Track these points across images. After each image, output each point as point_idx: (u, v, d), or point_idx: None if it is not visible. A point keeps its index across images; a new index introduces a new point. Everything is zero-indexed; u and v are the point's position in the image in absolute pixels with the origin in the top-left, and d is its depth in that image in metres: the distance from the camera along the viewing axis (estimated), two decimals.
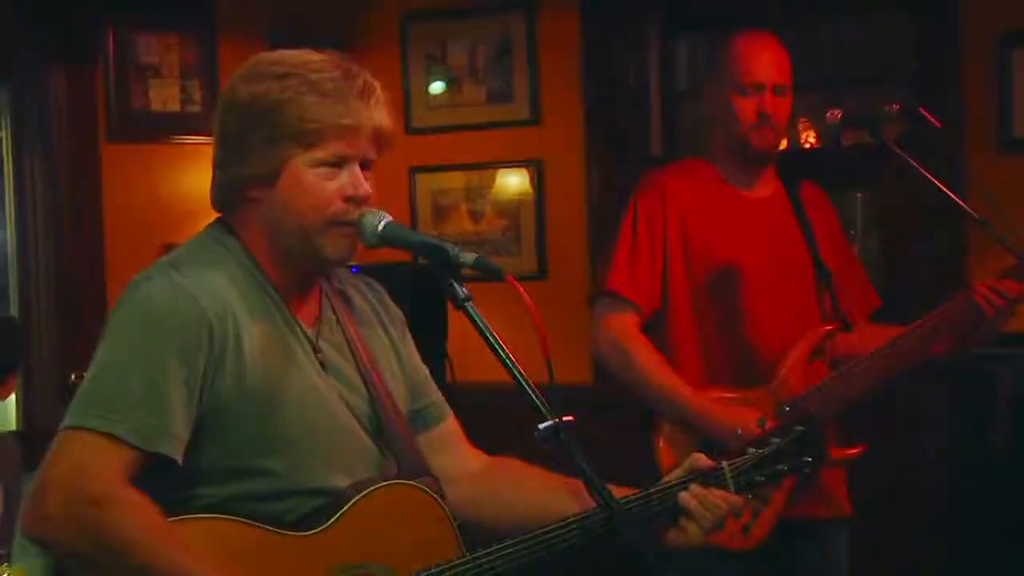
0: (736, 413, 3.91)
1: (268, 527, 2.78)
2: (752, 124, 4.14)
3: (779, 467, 3.08)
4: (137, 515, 2.63)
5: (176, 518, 2.70)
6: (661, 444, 4.16)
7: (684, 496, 2.91)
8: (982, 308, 3.94)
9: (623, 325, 4.15)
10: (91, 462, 2.62)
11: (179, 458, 2.69)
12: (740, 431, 3.31)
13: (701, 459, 2.98)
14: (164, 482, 2.71)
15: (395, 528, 2.89)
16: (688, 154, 4.79)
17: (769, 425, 3.83)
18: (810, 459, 3.11)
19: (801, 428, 3.13)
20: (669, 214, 4.21)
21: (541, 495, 3.03)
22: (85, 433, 2.63)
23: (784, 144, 6.08)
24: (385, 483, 2.91)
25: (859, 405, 4.09)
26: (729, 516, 2.96)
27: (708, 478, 2.95)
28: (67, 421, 2.64)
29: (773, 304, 4.24)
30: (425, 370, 3.16)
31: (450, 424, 3.16)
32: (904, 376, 4.11)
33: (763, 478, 3.05)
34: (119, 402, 2.65)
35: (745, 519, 4.03)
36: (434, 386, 3.16)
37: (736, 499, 2.95)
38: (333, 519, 2.82)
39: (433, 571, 2.85)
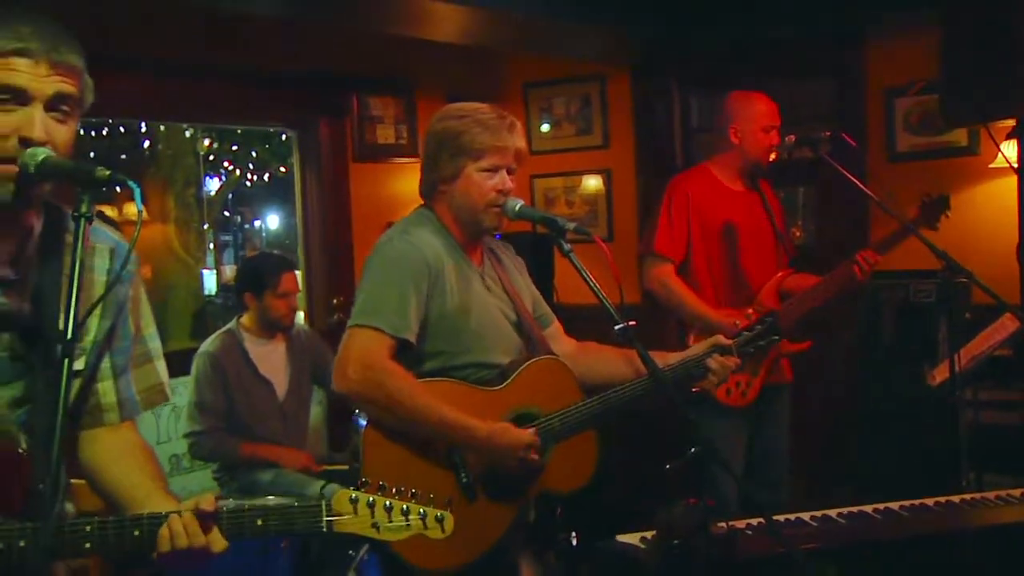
0: (730, 316, 3.98)
1: (471, 384, 2.88)
2: (770, 149, 4.19)
3: (759, 342, 3.14)
4: (402, 377, 2.76)
5: (421, 380, 2.81)
6: (691, 342, 4.19)
7: (711, 361, 2.97)
8: (855, 271, 4.03)
9: (666, 273, 4.19)
10: (371, 345, 2.74)
11: (415, 342, 2.80)
12: (737, 323, 3.33)
13: (720, 338, 3.05)
14: (404, 360, 2.81)
15: (545, 384, 2.96)
16: (697, 164, 4.77)
17: (753, 316, 3.94)
18: (777, 336, 3.18)
19: (770, 318, 3.20)
20: (689, 199, 4.21)
21: (609, 364, 3.07)
22: (364, 328, 2.76)
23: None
24: (539, 357, 2.99)
25: (806, 318, 4.11)
26: (731, 375, 3.03)
27: (723, 350, 3.01)
28: (352, 322, 2.78)
29: (752, 254, 4.26)
30: (538, 293, 3.21)
31: (555, 325, 3.21)
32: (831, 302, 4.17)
33: (753, 349, 3.12)
34: (381, 309, 2.78)
35: (744, 386, 4.11)
36: (543, 302, 3.22)
37: (737, 362, 3.02)
38: (509, 379, 2.91)
39: (565, 410, 2.94)
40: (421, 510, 1.98)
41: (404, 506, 1.97)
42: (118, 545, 1.88)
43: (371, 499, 1.94)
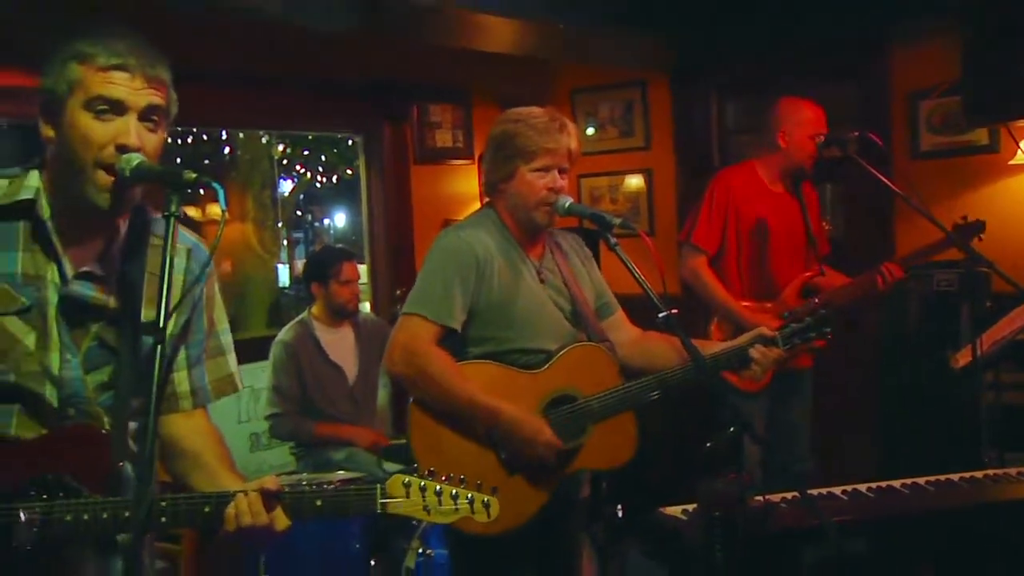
0: (752, 309, 3.95)
1: (511, 367, 2.87)
2: (812, 154, 4.13)
3: (811, 334, 2.99)
4: (442, 361, 2.77)
5: (461, 362, 2.83)
6: (713, 328, 4.16)
7: (753, 351, 2.88)
8: (878, 280, 3.98)
9: (700, 264, 4.16)
10: (416, 331, 2.76)
11: (459, 329, 2.80)
12: (785, 315, 3.27)
13: (764, 329, 2.94)
14: (451, 345, 2.82)
15: (584, 369, 2.93)
16: (732, 163, 4.73)
17: (774, 311, 3.85)
18: (828, 330, 3.01)
19: (824, 312, 3.06)
20: (729, 194, 4.17)
21: (665, 352, 2.99)
22: (412, 316, 2.79)
23: None
24: (579, 343, 2.96)
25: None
26: (776, 364, 2.94)
27: (765, 340, 2.91)
28: (403, 310, 2.82)
29: (781, 253, 4.22)
30: (604, 283, 3.16)
31: (618, 314, 3.16)
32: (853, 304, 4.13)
33: (800, 340, 2.99)
34: (428, 299, 2.79)
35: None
36: (609, 291, 3.16)
37: (780, 353, 2.92)
38: (549, 364, 2.89)
39: (603, 393, 2.91)
40: (469, 495, 1.97)
41: (453, 491, 1.96)
42: (189, 520, 1.91)
43: (423, 484, 1.94)
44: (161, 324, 1.77)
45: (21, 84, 4.06)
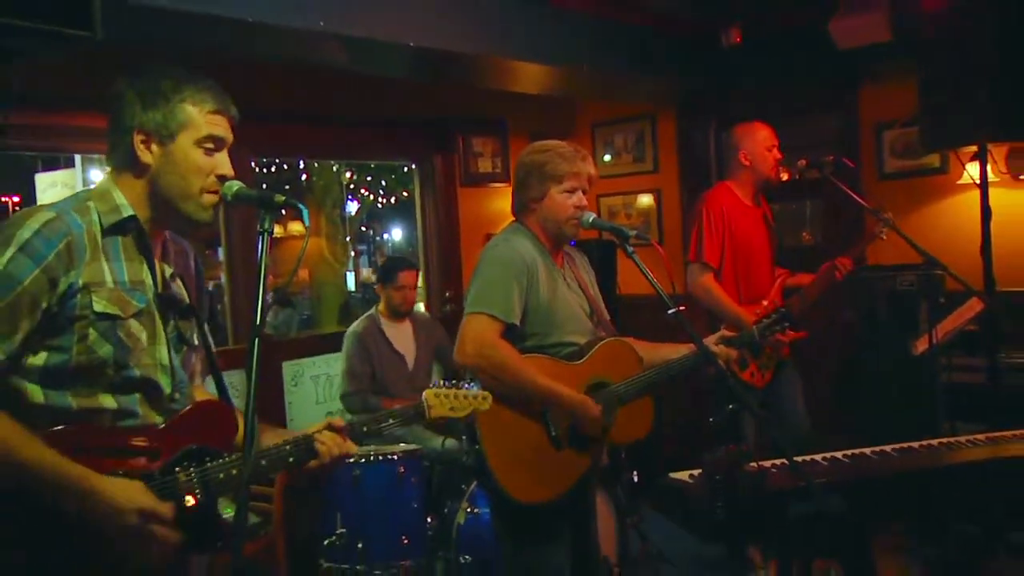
0: (749, 315, 3.94)
1: (558, 359, 2.91)
2: (776, 165, 4.12)
3: (776, 327, 3.17)
4: (510, 351, 2.79)
5: (522, 355, 2.84)
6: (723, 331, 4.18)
7: (715, 348, 2.97)
8: (835, 273, 4.00)
9: (708, 280, 4.10)
10: (485, 327, 2.77)
11: (519, 325, 2.82)
12: (758, 316, 3.32)
13: (726, 332, 3.07)
14: (509, 339, 2.84)
15: (614, 360, 2.98)
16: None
17: (767, 308, 3.88)
18: (788, 324, 3.21)
19: (783, 310, 3.22)
20: (724, 215, 4.13)
21: (649, 351, 3.08)
22: (479, 315, 2.79)
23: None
24: (609, 338, 3.01)
25: (808, 308, 4.07)
26: (752, 362, 3.00)
27: (727, 341, 3.03)
28: (470, 309, 2.81)
29: (764, 260, 4.22)
30: (599, 296, 3.20)
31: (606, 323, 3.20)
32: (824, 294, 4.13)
33: (770, 333, 3.15)
34: (493, 300, 2.80)
35: (763, 370, 4.10)
36: (602, 303, 3.20)
37: (729, 352, 3.03)
38: (587, 356, 2.94)
39: (630, 379, 2.98)
40: (474, 395, 2.36)
41: (464, 394, 2.35)
42: (290, 464, 2.08)
43: (445, 392, 2.33)
44: (258, 320, 1.85)
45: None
